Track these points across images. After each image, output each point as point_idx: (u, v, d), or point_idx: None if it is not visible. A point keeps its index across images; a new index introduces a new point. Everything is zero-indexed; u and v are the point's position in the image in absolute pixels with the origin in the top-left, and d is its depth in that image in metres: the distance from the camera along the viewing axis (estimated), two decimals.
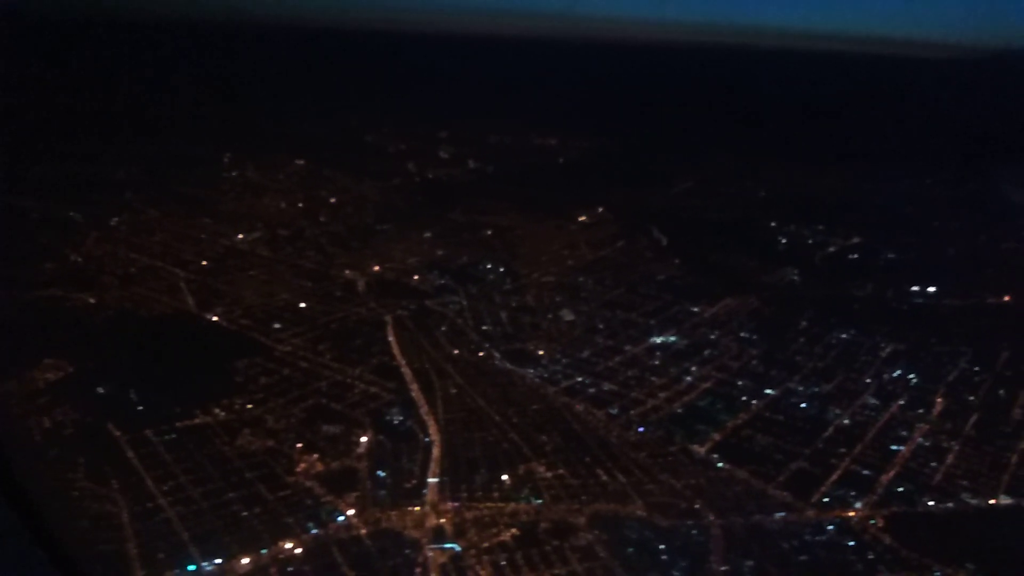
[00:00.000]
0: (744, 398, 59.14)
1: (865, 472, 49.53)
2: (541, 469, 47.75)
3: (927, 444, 53.38)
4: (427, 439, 50.58)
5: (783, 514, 44.60)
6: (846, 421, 56.13)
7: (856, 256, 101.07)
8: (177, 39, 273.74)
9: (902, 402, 59.30)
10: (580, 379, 61.42)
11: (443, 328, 69.83)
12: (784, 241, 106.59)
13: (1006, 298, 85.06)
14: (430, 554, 39.71)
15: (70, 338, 62.74)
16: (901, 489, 47.70)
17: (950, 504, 46.56)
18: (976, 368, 65.85)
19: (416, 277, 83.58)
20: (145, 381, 55.50)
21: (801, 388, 60.99)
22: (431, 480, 46.11)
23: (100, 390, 54.51)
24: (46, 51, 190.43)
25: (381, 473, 46.67)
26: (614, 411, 56.33)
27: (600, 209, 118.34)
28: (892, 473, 49.46)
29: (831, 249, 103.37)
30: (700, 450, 51.28)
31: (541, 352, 66.25)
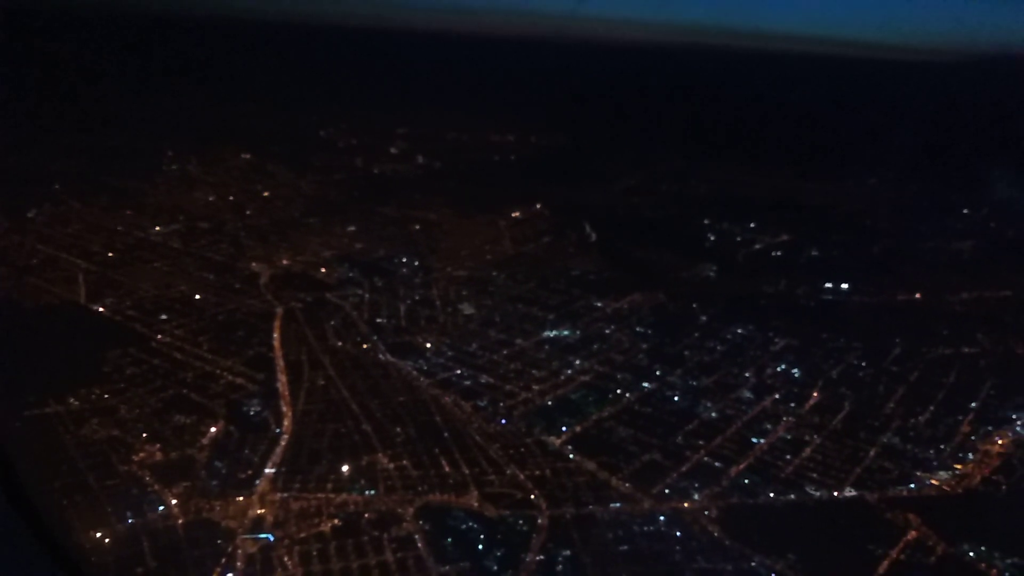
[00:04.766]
0: (619, 391, 58.79)
1: (716, 464, 49.24)
2: (384, 460, 47.27)
3: (788, 437, 53.18)
4: (277, 430, 50.05)
5: (618, 505, 44.28)
6: (714, 414, 55.87)
7: (779, 253, 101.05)
8: (139, 32, 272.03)
9: (776, 396, 59.12)
10: (459, 372, 60.97)
11: (333, 321, 69.25)
12: (712, 238, 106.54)
13: (917, 295, 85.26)
14: (240, 545, 39.14)
15: None
16: (746, 481, 47.44)
17: (792, 496, 46.34)
18: (863, 363, 65.85)
19: (323, 270, 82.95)
20: (5, 370, 54.52)
21: (679, 382, 60.74)
22: (267, 471, 45.57)
23: None
24: None
25: (219, 463, 46.09)
26: (482, 403, 55.92)
27: (537, 205, 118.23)
28: (743, 465, 49.21)
29: (757, 246, 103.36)
30: (556, 442, 50.93)
31: (428, 345, 65.79)
